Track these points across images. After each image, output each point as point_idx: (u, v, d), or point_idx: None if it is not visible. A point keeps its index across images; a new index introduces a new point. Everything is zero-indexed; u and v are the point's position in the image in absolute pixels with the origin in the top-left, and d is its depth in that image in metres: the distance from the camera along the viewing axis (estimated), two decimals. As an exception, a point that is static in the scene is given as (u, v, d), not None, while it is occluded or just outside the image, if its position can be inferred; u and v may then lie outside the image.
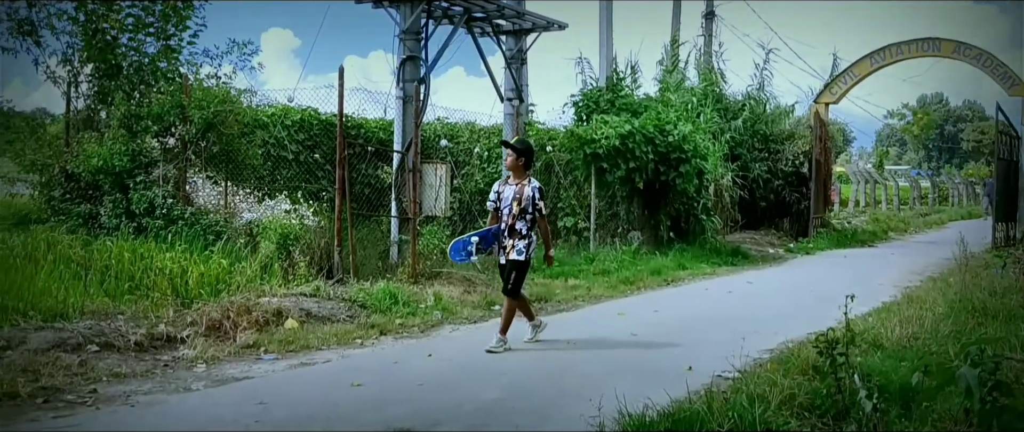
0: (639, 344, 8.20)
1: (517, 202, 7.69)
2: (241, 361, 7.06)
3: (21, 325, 7.08)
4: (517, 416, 5.44)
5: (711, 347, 7.69)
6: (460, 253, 7.93)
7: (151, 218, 11.69)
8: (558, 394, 6.09)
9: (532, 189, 7.71)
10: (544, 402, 5.86)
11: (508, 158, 7.90)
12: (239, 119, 12.43)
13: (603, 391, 5.41)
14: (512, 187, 7.78)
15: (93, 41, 12.19)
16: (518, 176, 7.82)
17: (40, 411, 5.33)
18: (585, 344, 8.10)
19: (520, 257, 7.68)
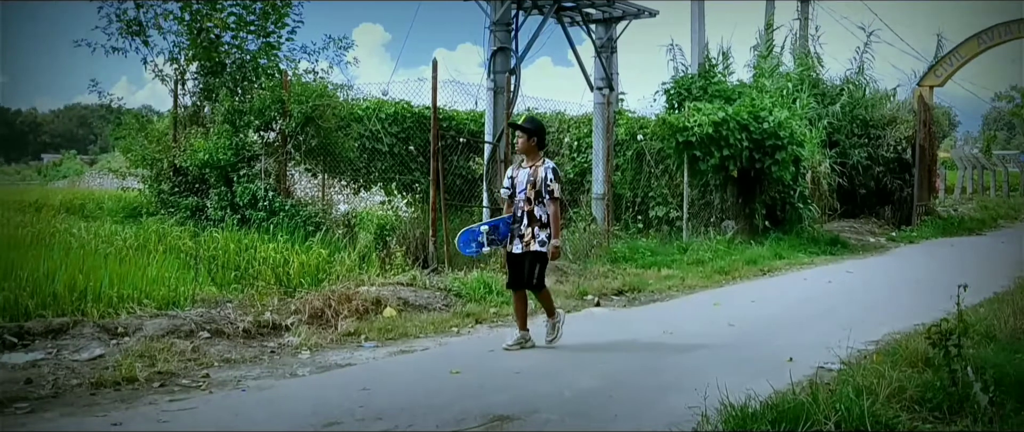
0: (737, 334, 8.07)
1: (532, 186, 7.11)
2: (343, 348, 7.26)
3: (137, 313, 7.44)
4: (615, 405, 5.44)
5: (812, 338, 7.52)
6: (469, 245, 7.37)
7: (254, 210, 12.11)
8: (656, 384, 6.06)
9: (546, 169, 7.12)
10: (642, 392, 5.84)
11: (519, 140, 7.33)
12: (336, 113, 12.75)
13: (703, 382, 5.35)
14: (526, 170, 7.22)
15: (198, 40, 12.69)
16: (532, 158, 7.24)
17: (157, 394, 5.59)
18: (682, 334, 8.01)
19: (542, 248, 7.10)
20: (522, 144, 7.27)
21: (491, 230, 7.32)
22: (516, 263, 7.20)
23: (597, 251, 13.24)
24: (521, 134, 7.29)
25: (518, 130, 7.37)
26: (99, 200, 20.94)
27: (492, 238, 7.31)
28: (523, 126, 7.35)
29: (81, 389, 5.59)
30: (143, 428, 4.77)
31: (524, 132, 7.27)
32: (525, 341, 7.28)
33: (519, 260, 7.16)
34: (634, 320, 9.11)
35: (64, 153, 74.57)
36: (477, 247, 7.34)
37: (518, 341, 7.26)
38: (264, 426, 4.90)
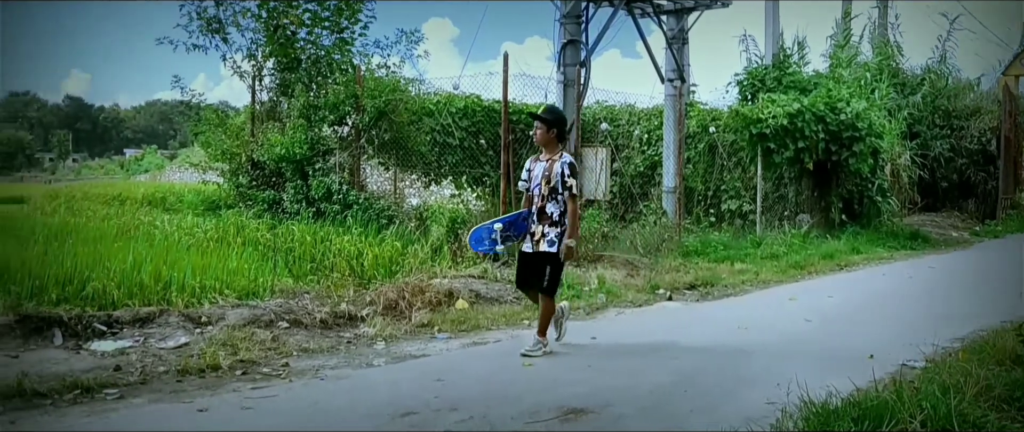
0: (814, 330, 7.92)
1: (546, 181, 6.62)
2: (417, 339, 7.35)
3: (219, 302, 7.66)
4: (690, 400, 5.39)
5: (893, 334, 7.33)
6: (483, 243, 6.95)
7: (328, 203, 12.34)
8: (732, 379, 5.98)
9: (562, 164, 6.60)
10: (717, 387, 5.77)
11: (538, 131, 6.77)
12: (408, 107, 12.90)
13: (780, 377, 5.27)
14: (543, 163, 6.72)
15: (274, 36, 12.97)
16: (550, 150, 6.74)
17: (240, 382, 5.75)
18: (757, 329, 7.89)
19: (552, 249, 6.57)
20: (540, 135, 6.75)
21: (506, 227, 6.89)
22: (524, 262, 6.79)
23: (668, 245, 13.11)
24: (540, 125, 6.75)
25: (536, 120, 6.83)
26: (179, 194, 21.63)
27: (507, 235, 6.86)
28: (542, 116, 6.79)
29: (167, 376, 5.78)
30: (228, 415, 4.91)
31: (543, 122, 6.72)
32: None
33: (527, 259, 6.74)
34: (707, 315, 9.00)
35: (145, 148, 77.12)
36: (490, 244, 6.91)
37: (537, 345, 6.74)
38: (343, 415, 4.99)
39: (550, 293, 6.66)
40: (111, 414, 4.90)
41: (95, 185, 32.42)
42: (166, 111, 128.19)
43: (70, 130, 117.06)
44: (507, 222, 6.90)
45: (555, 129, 6.72)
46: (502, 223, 6.90)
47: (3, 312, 6.48)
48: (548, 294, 6.65)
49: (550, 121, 6.73)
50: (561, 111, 7.03)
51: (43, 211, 18.66)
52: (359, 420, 4.88)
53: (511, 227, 6.89)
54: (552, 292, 6.67)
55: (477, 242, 6.98)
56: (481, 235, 6.94)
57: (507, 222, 6.90)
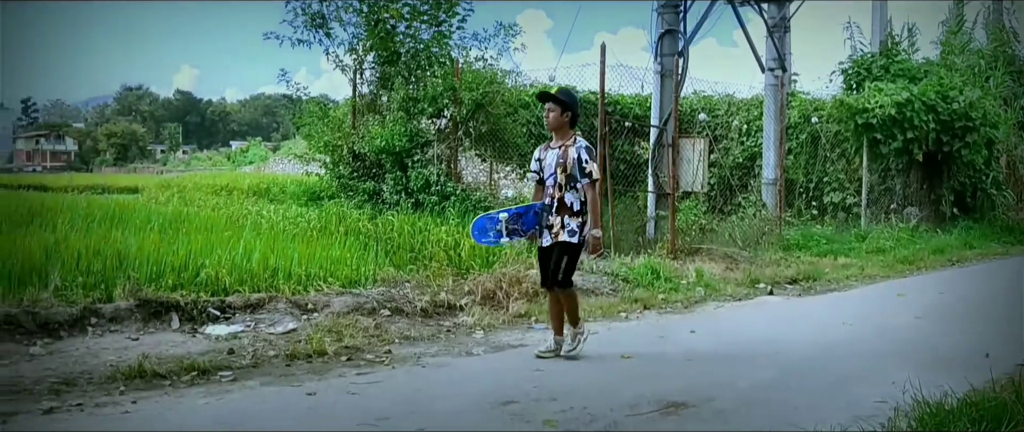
0: (924, 327, 7.64)
1: (562, 169, 6.08)
2: (514, 329, 7.42)
3: (324, 290, 7.89)
4: (794, 396, 5.28)
5: (1009, 333, 7.00)
6: (486, 233, 6.34)
7: (427, 194, 12.54)
8: (838, 376, 5.83)
9: (578, 149, 6.07)
10: (823, 384, 5.64)
11: (550, 114, 6.19)
12: (505, 99, 12.98)
13: (889, 375, 5.12)
14: (555, 151, 6.18)
15: (375, 30, 13.24)
16: (562, 136, 6.19)
17: (345, 368, 5.92)
18: (863, 325, 7.66)
19: (573, 238, 6.06)
20: (553, 118, 6.17)
21: (513, 218, 6.29)
22: (546, 258, 6.21)
23: (768, 238, 12.84)
24: (553, 106, 6.17)
25: (548, 101, 6.27)
26: (282, 184, 22.36)
27: (514, 228, 6.28)
28: (556, 97, 6.24)
29: (277, 360, 6.00)
30: (335, 399, 5.06)
31: (557, 104, 6.17)
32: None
33: (547, 254, 6.19)
34: (810, 309, 8.79)
35: (250, 140, 79.96)
36: (495, 236, 6.30)
37: (551, 348, 6.31)
38: (445, 402, 5.08)
39: (567, 283, 6.15)
40: (226, 395, 5.11)
41: (203, 176, 33.79)
42: (270, 105, 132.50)
43: (180, 123, 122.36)
44: (514, 213, 6.32)
45: (569, 112, 6.19)
46: (508, 214, 6.32)
47: (124, 297, 6.82)
48: (565, 285, 6.15)
49: (565, 103, 6.18)
50: (575, 94, 6.54)
51: (157, 200, 19.57)
52: (461, 407, 4.96)
53: (519, 219, 6.30)
54: (568, 283, 6.17)
55: (480, 233, 6.35)
56: (484, 225, 6.35)
57: (514, 213, 6.32)
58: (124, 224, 10.94)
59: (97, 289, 6.97)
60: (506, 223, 6.24)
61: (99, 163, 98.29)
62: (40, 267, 7.31)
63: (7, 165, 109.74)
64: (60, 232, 9.16)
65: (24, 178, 46.02)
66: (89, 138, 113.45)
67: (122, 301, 6.72)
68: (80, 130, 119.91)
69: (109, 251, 7.90)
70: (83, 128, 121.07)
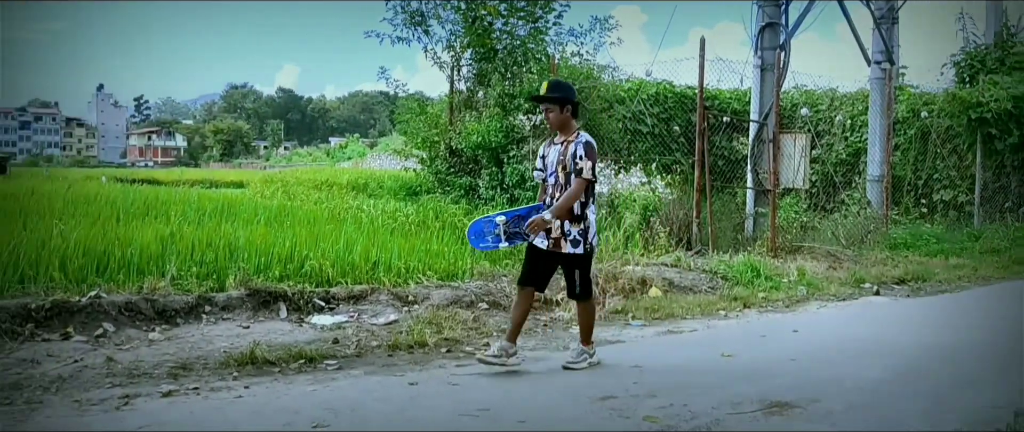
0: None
1: (562, 166, 5.58)
2: (612, 325, 7.39)
3: (424, 283, 8.04)
4: (905, 401, 5.09)
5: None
6: (484, 238, 5.92)
7: (522, 189, 12.62)
8: (950, 380, 5.60)
9: (577, 144, 5.57)
10: (934, 387, 5.42)
11: (549, 115, 5.72)
12: (601, 95, 12.95)
13: (1005, 380, 4.89)
14: (557, 147, 5.70)
15: (472, 27, 13.39)
16: (565, 132, 5.70)
17: (445, 359, 6.02)
18: (978, 328, 7.35)
19: (577, 249, 5.57)
20: (554, 118, 5.70)
21: (512, 221, 5.84)
22: (535, 258, 5.71)
23: (873, 237, 12.43)
24: (551, 107, 5.67)
25: (541, 103, 5.80)
26: (379, 180, 22.83)
27: (515, 231, 5.83)
28: (547, 96, 5.69)
29: (379, 350, 6.15)
30: (436, 390, 5.15)
31: (552, 103, 5.66)
32: (509, 354, 5.65)
33: (538, 255, 5.69)
34: (919, 311, 8.48)
35: (348, 137, 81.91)
36: (494, 240, 5.90)
37: (498, 352, 5.63)
38: (543, 395, 5.11)
39: (585, 296, 5.74)
40: (332, 383, 5.27)
41: (304, 171, 34.80)
42: (367, 102, 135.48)
43: (282, 120, 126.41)
44: (513, 216, 5.85)
45: (569, 106, 5.68)
46: (506, 216, 5.87)
47: (235, 286, 7.11)
48: (583, 298, 5.74)
49: (560, 99, 5.65)
50: (567, 83, 5.96)
51: (262, 195, 20.24)
52: (559, 401, 4.98)
53: (520, 222, 5.82)
54: (587, 294, 5.75)
55: (477, 237, 5.94)
56: (481, 228, 5.95)
57: (513, 216, 5.85)
58: (233, 217, 11.38)
59: (210, 279, 7.29)
60: (504, 226, 5.81)
61: (206, 158, 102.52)
62: (156, 257, 7.70)
63: (121, 160, 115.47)
64: (174, 224, 9.59)
65: (137, 173, 48.35)
66: (197, 134, 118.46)
67: (233, 290, 7.01)
68: (189, 127, 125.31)
69: (220, 243, 8.24)
70: (192, 125, 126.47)
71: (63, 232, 8.36)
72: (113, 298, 6.37)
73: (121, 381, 5.09)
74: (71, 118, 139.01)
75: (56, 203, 12.24)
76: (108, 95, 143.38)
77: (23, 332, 5.81)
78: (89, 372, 5.20)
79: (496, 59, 13.42)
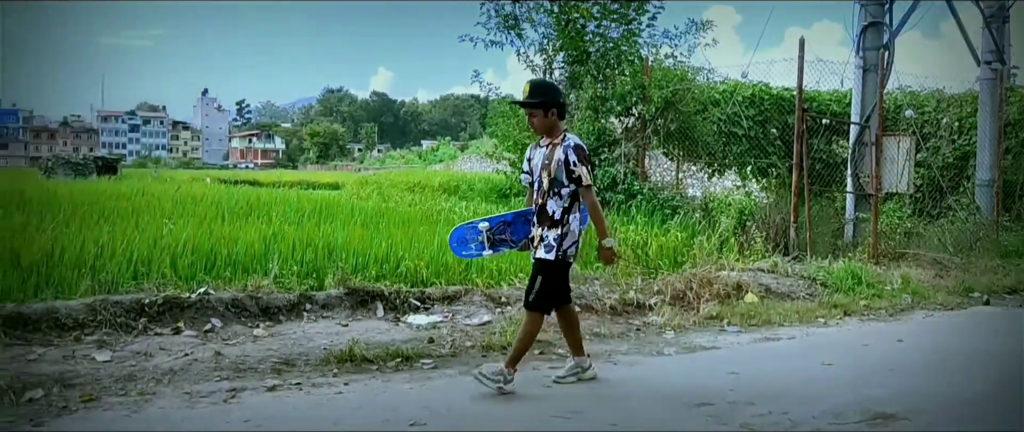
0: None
1: (546, 171, 5.15)
2: (706, 331, 7.29)
3: (516, 284, 8.08)
4: (1012, 416, 4.87)
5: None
6: (466, 245, 5.57)
7: (613, 192, 12.55)
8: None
9: (565, 149, 5.10)
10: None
11: (533, 120, 5.25)
12: (695, 97, 12.78)
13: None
14: (542, 150, 5.25)
15: (565, 30, 13.40)
16: (551, 135, 5.23)
17: (538, 361, 6.04)
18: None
19: (548, 254, 5.10)
20: (537, 122, 5.21)
21: (499, 228, 5.53)
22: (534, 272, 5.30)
23: (983, 244, 11.89)
24: (534, 111, 5.20)
25: (523, 107, 5.36)
26: (470, 182, 23.08)
27: (501, 238, 5.53)
28: (529, 101, 5.19)
29: (473, 350, 6.22)
30: (531, 392, 5.18)
31: (536, 107, 5.18)
32: (583, 369, 5.46)
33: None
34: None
35: (440, 139, 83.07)
36: (477, 248, 5.56)
37: (572, 370, 5.45)
38: (638, 400, 5.08)
39: (535, 307, 5.14)
40: (428, 382, 5.36)
41: (397, 173, 35.42)
42: (458, 105, 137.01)
43: (376, 123, 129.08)
44: (498, 222, 5.53)
45: (554, 109, 5.17)
46: (489, 223, 5.53)
47: (334, 285, 7.30)
48: (532, 308, 5.15)
49: (544, 103, 5.15)
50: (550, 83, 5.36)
51: (358, 196, 20.76)
52: (654, 406, 4.94)
53: (506, 228, 5.56)
54: (539, 306, 5.14)
55: (460, 244, 5.62)
56: (463, 235, 5.62)
57: (498, 222, 5.53)
58: (331, 218, 11.70)
59: (310, 278, 7.52)
60: (488, 233, 5.47)
61: (303, 161, 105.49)
62: (260, 256, 7.98)
63: (224, 162, 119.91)
64: (275, 224, 9.92)
65: (239, 174, 50.11)
66: (295, 137, 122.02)
67: (332, 289, 7.20)
68: (287, 129, 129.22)
69: (320, 243, 8.49)
70: (290, 128, 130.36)
71: (172, 231, 8.77)
72: (220, 295, 6.63)
73: (228, 375, 5.29)
74: (177, 121, 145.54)
75: (165, 203, 12.84)
76: (212, 99, 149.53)
77: (137, 326, 6.10)
78: (198, 366, 5.43)
79: (589, 62, 13.38)
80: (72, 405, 4.59)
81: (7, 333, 5.69)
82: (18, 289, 6.42)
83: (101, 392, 4.82)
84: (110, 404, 4.63)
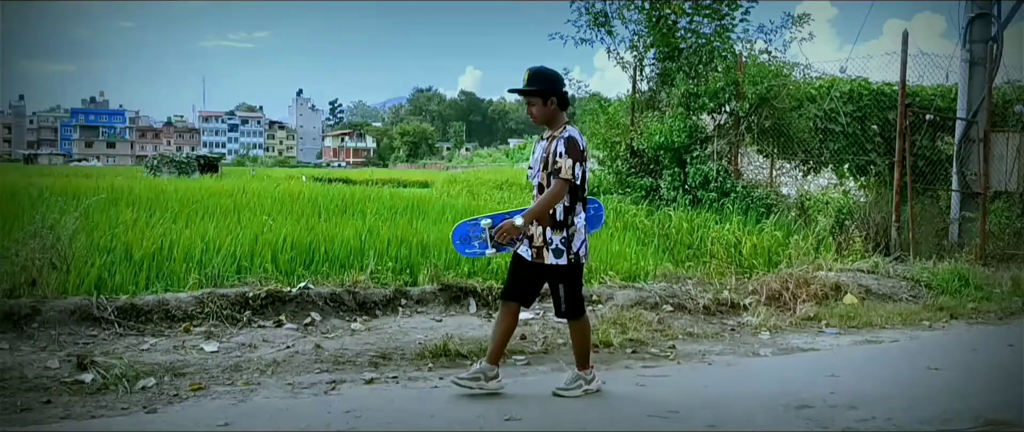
0: None
1: (544, 166, 4.85)
2: (803, 332, 7.13)
3: (607, 283, 8.07)
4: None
5: None
6: (470, 243, 5.28)
7: (705, 190, 12.37)
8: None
9: (559, 141, 4.77)
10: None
11: (532, 109, 4.92)
12: (791, 93, 12.48)
13: None
14: (543, 144, 4.95)
15: (657, 27, 13.27)
16: (552, 127, 4.88)
17: (630, 360, 6.02)
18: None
19: (559, 260, 4.83)
20: (537, 112, 4.89)
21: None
22: (516, 267, 5.03)
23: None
24: (533, 100, 4.87)
25: (522, 95, 4.94)
26: (558, 180, 23.04)
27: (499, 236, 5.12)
28: (527, 90, 4.86)
29: (565, 348, 6.21)
30: (623, 390, 5.16)
31: (534, 95, 4.85)
32: (488, 377, 4.95)
33: (521, 265, 4.98)
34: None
35: (527, 138, 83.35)
36: (480, 246, 5.28)
37: (475, 375, 4.95)
38: (735, 401, 5.00)
39: (574, 314, 4.98)
40: (521, 378, 5.40)
41: (485, 172, 35.72)
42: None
43: (464, 122, 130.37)
44: (501, 220, 5.09)
45: (554, 98, 4.84)
46: (492, 220, 5.18)
47: (428, 281, 7.42)
48: (573, 316, 4.98)
49: (542, 91, 4.83)
50: (551, 71, 4.97)
51: (447, 194, 20.99)
52: (751, 408, 4.85)
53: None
54: (575, 313, 4.98)
55: (462, 242, 5.36)
56: (466, 233, 5.36)
57: (501, 220, 5.09)
58: (422, 215, 11.89)
59: (404, 273, 7.66)
60: (490, 231, 5.16)
61: (393, 159, 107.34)
62: (356, 252, 8.17)
63: (317, 160, 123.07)
64: (370, 221, 10.14)
65: (332, 172, 51.38)
66: (385, 136, 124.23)
67: (426, 285, 7.32)
68: (378, 129, 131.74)
69: (413, 239, 8.63)
70: (380, 127, 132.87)
71: (272, 227, 9.05)
72: (319, 290, 6.82)
73: (328, 367, 5.44)
74: (273, 121, 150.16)
75: (265, 200, 13.25)
76: (306, 99, 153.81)
77: (241, 319, 6.32)
78: (299, 358, 5.60)
79: (680, 58, 13.22)
80: (182, 393, 4.80)
81: (121, 323, 5.98)
82: (131, 281, 6.75)
83: (209, 382, 5.03)
84: (217, 393, 4.82)
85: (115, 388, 4.80)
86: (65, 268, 6.45)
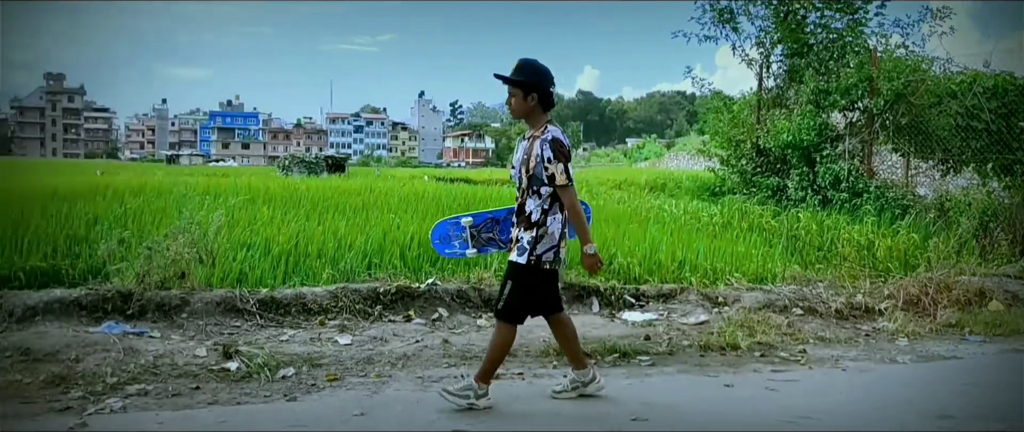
0: None
1: (525, 167, 4.60)
2: (944, 340, 6.79)
3: (733, 285, 7.90)
4: None
5: None
6: (449, 243, 5.13)
7: (836, 190, 11.94)
8: None
9: (542, 143, 4.51)
10: None
11: (512, 99, 4.63)
12: (930, 89, 11.90)
13: None
14: (524, 143, 4.71)
15: (785, 22, 12.90)
16: (533, 124, 4.63)
17: (759, 363, 5.88)
18: None
19: (520, 257, 4.54)
20: (515, 105, 4.63)
21: (487, 224, 5.10)
22: None
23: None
24: (513, 90, 4.60)
25: (505, 82, 4.64)
26: (677, 180, 22.71)
27: (487, 236, 5.11)
28: (512, 78, 4.60)
29: (691, 349, 6.15)
30: (752, 393, 5.06)
31: (515, 86, 4.59)
32: (584, 383, 4.86)
33: None
34: None
35: (645, 137, 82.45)
36: (460, 246, 5.12)
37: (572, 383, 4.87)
38: (871, 407, 4.82)
39: (503, 315, 4.58)
40: (646, 378, 5.37)
41: (603, 171, 35.55)
42: (664, 102, 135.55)
43: (582, 121, 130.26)
44: (485, 219, 5.07)
45: (534, 93, 4.58)
46: (473, 219, 5.09)
47: (551, 280, 7.46)
48: (502, 316, 4.59)
49: (526, 82, 4.57)
50: (540, 66, 4.67)
51: (566, 194, 20.96)
52: (887, 416, 4.66)
53: (494, 226, 5.15)
54: (505, 315, 4.57)
55: (441, 241, 5.21)
56: (446, 232, 5.19)
57: (485, 219, 5.07)
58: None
59: (528, 272, 7.71)
60: (472, 230, 5.04)
61: (512, 160, 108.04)
62: (480, 250, 8.29)
63: (438, 161, 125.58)
64: (493, 220, 10.25)
65: (453, 172, 52.25)
66: (504, 137, 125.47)
67: (549, 284, 7.35)
68: (497, 129, 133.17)
69: (535, 238, 8.67)
70: (499, 128, 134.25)
71: (399, 225, 9.30)
72: (446, 286, 6.98)
73: (456, 362, 5.57)
74: (396, 122, 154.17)
75: (391, 199, 13.62)
76: (428, 101, 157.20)
77: (373, 313, 6.54)
78: (428, 352, 5.75)
79: (809, 54, 12.81)
80: (320, 383, 5.01)
81: (262, 315, 6.29)
82: (270, 275, 7.08)
83: (344, 373, 5.23)
84: (352, 384, 5.01)
85: (258, 377, 5.06)
86: (211, 262, 6.84)
